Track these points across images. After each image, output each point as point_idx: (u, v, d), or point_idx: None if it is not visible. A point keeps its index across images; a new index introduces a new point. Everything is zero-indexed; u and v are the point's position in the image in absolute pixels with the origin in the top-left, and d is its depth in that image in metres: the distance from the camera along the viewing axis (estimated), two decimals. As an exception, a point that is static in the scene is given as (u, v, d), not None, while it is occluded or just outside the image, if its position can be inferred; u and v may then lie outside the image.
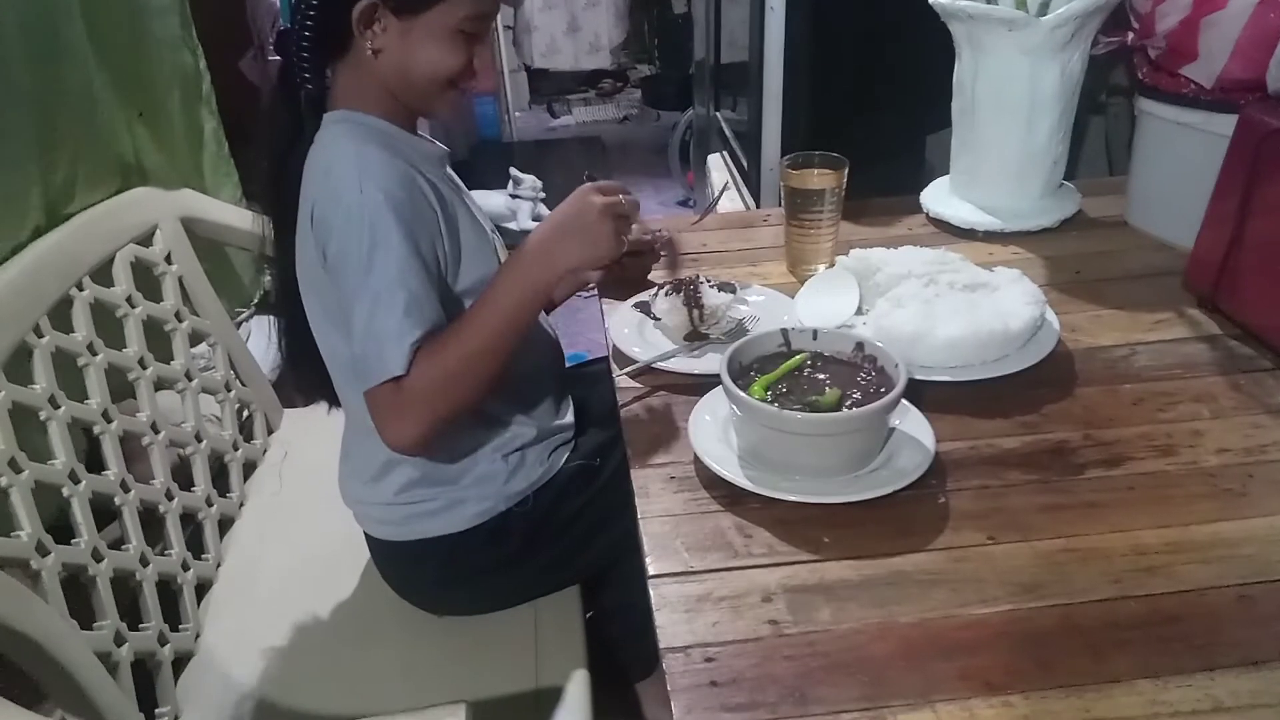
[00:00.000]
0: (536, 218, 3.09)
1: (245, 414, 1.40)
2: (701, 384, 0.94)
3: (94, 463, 1.04)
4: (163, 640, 1.03)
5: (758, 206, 1.81)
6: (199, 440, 1.24)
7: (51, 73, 1.15)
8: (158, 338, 1.22)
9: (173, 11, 1.48)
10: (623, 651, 1.26)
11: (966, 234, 1.28)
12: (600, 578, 1.18)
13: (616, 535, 1.05)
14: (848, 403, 0.83)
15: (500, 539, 1.04)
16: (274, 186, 0.98)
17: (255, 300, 1.74)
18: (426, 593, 1.08)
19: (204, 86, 1.60)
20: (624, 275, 1.19)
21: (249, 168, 1.72)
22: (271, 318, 1.74)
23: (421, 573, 1.07)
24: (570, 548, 1.08)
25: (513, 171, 3.10)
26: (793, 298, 1.11)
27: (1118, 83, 1.56)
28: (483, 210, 1.07)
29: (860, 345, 0.87)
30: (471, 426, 1.00)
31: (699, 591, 0.73)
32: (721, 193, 1.36)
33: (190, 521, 1.19)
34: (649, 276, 1.20)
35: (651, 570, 0.75)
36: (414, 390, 0.86)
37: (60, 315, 1.04)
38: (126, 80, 1.34)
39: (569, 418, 1.11)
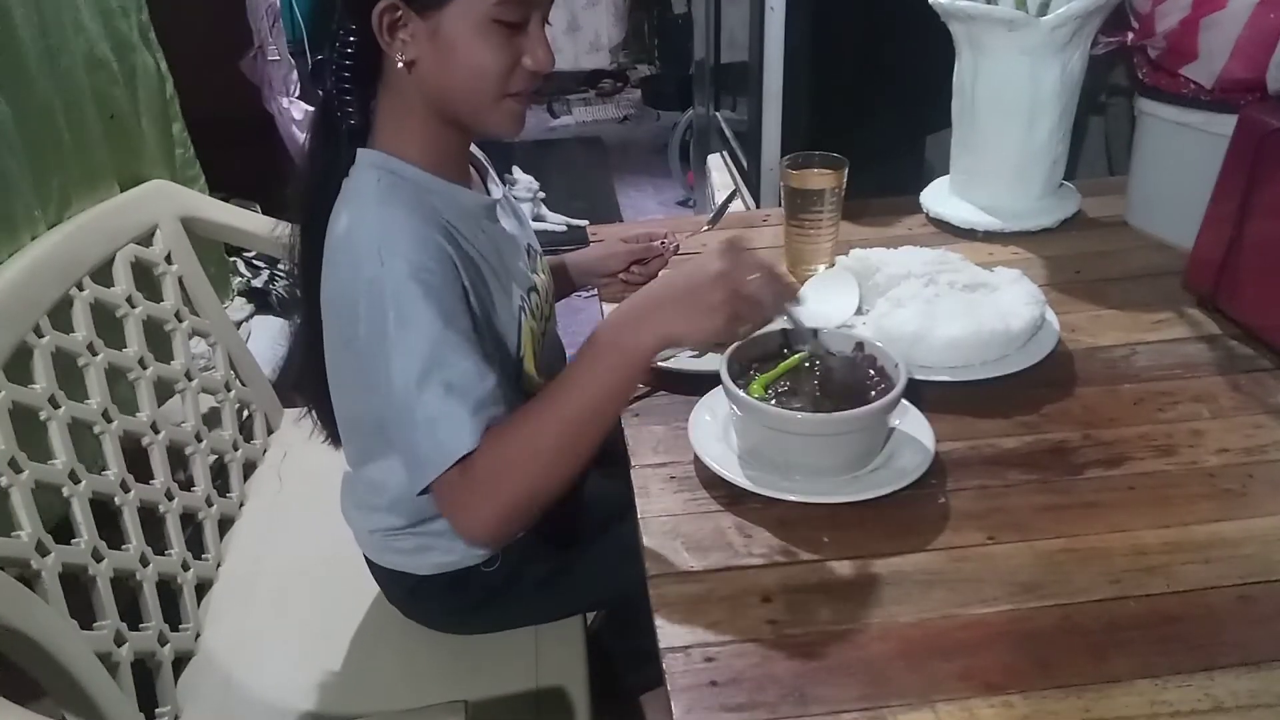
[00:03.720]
0: (537, 218, 3.10)
1: (245, 414, 1.40)
2: (701, 384, 0.94)
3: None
4: (163, 640, 1.03)
5: (758, 207, 1.81)
6: (199, 440, 1.24)
7: (53, 75, 1.16)
8: (158, 338, 1.22)
9: (130, 12, 1.47)
10: (626, 675, 1.25)
11: (966, 234, 1.28)
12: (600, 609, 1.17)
13: (607, 592, 1.02)
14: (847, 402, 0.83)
15: (459, 591, 1.01)
16: (307, 225, 0.89)
17: (231, 299, 1.74)
18: (407, 609, 1.08)
19: (168, 88, 1.59)
20: (633, 282, 1.19)
21: (248, 167, 1.72)
22: (273, 318, 1.76)
23: (397, 594, 1.07)
24: (542, 603, 1.04)
25: (515, 172, 3.10)
26: (793, 298, 1.10)
27: (1118, 83, 1.56)
28: (531, 265, 0.99)
29: (860, 345, 0.87)
30: None
31: (699, 591, 0.73)
32: (730, 198, 1.36)
33: (190, 521, 1.19)
34: None
35: (651, 570, 0.75)
36: (476, 473, 0.76)
37: (60, 315, 1.04)
38: (95, 84, 1.34)
39: None
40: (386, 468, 0.96)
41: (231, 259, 1.76)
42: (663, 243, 1.20)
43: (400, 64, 0.82)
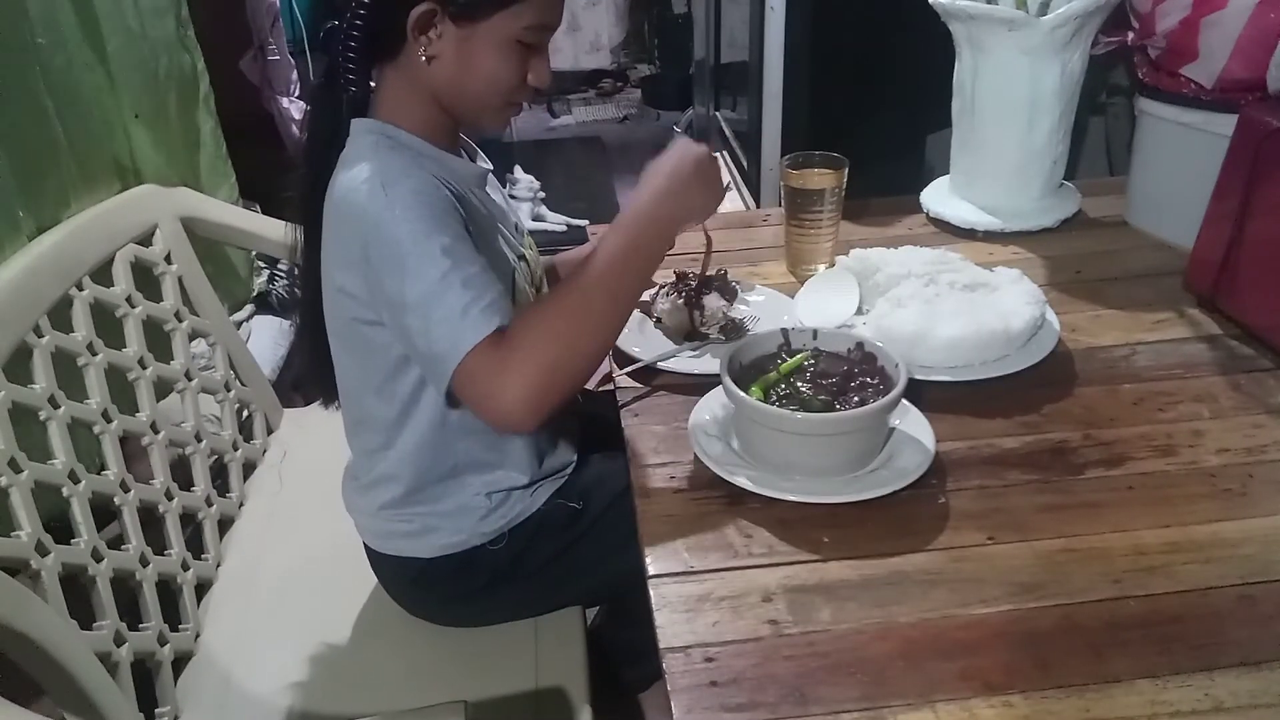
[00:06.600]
0: (537, 218, 3.09)
1: (245, 414, 1.40)
2: (701, 384, 0.94)
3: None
4: (162, 640, 1.03)
5: (758, 206, 1.81)
6: (199, 440, 1.24)
7: (45, 74, 1.15)
8: (157, 338, 1.22)
9: (169, 12, 1.47)
10: (624, 671, 1.25)
11: (966, 234, 1.28)
12: (601, 600, 1.17)
13: (608, 576, 1.02)
14: (848, 402, 0.83)
15: (468, 573, 1.01)
16: (308, 191, 0.92)
17: (251, 298, 1.74)
18: (409, 602, 1.08)
19: (202, 87, 1.60)
20: None
21: (249, 167, 1.73)
22: (273, 318, 1.75)
23: (400, 585, 1.07)
24: (547, 587, 1.05)
25: (516, 172, 3.10)
26: (793, 298, 1.11)
27: (1118, 82, 1.57)
28: (520, 240, 1.02)
29: (860, 345, 0.87)
30: (466, 456, 0.98)
31: (699, 591, 0.73)
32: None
33: (190, 521, 1.19)
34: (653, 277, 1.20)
35: (651, 570, 0.75)
36: (508, 341, 0.79)
37: (60, 315, 1.04)
38: (123, 81, 1.34)
39: (569, 455, 1.06)
40: (388, 423, 0.95)
41: (253, 256, 1.75)
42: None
43: (421, 57, 0.86)
